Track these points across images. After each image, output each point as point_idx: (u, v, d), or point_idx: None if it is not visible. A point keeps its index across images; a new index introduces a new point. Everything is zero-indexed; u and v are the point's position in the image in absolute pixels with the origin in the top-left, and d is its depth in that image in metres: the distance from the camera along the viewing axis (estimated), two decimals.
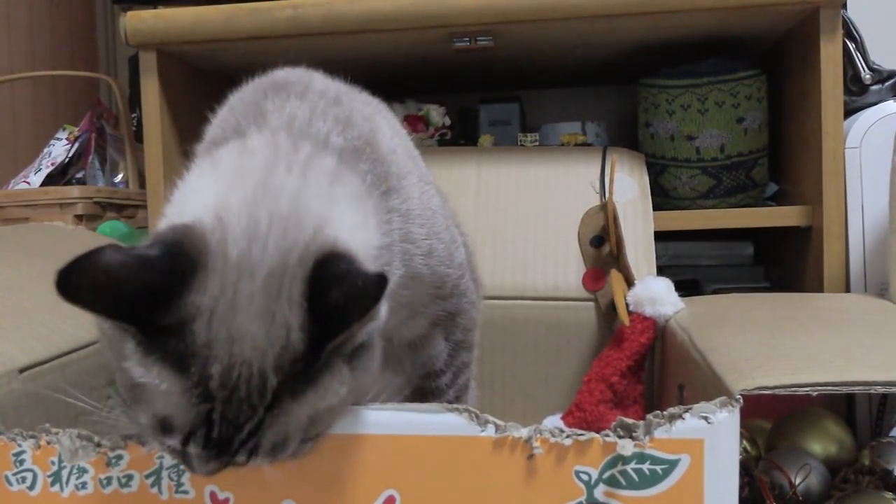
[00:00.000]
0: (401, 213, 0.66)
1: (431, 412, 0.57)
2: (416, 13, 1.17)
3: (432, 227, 0.69)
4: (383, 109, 0.77)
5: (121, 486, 0.59)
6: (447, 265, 0.71)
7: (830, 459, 0.91)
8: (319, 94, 0.69)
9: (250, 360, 0.51)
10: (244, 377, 0.51)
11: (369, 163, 0.65)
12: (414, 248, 0.67)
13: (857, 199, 1.16)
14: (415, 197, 0.68)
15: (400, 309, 0.69)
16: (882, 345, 0.72)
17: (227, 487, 0.58)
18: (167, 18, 1.23)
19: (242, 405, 0.51)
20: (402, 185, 0.67)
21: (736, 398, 0.55)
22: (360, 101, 0.73)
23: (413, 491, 0.57)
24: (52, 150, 1.59)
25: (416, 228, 0.67)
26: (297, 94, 0.68)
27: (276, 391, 0.51)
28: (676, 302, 0.99)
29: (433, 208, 0.70)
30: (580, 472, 0.55)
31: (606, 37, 1.27)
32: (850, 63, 1.28)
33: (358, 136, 0.66)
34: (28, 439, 0.60)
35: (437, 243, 0.69)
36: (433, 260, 0.69)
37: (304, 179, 0.59)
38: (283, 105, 0.67)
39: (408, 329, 0.74)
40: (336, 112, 0.67)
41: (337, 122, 0.66)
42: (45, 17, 1.92)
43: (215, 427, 0.51)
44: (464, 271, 0.75)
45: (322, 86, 0.71)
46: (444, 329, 0.76)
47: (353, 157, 0.64)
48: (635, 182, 1.17)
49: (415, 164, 0.72)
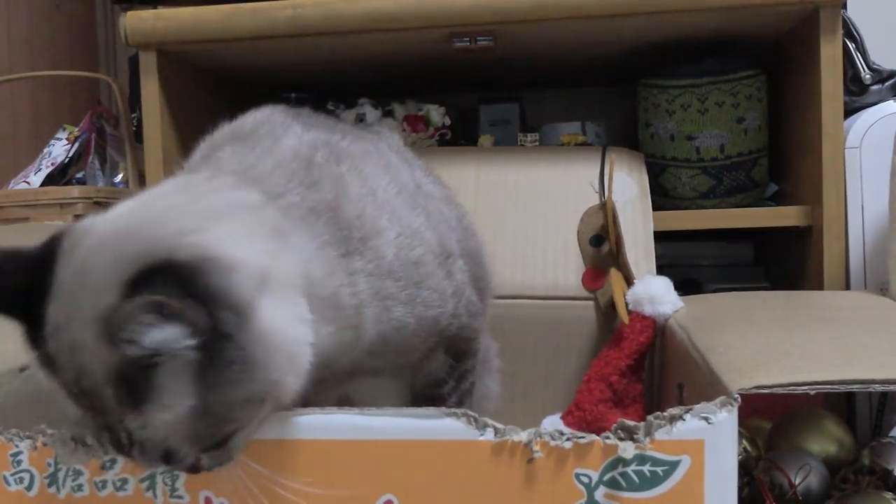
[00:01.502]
0: (367, 273, 0.65)
1: (430, 417, 0.57)
2: (417, 13, 1.17)
3: (412, 278, 0.68)
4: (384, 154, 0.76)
5: (116, 489, 0.59)
6: (438, 306, 0.70)
7: (830, 459, 0.91)
8: (288, 149, 0.68)
9: (89, 371, 0.51)
10: (90, 387, 0.52)
11: (327, 224, 0.64)
12: (392, 303, 0.66)
13: (857, 199, 1.16)
14: (388, 255, 0.67)
15: (386, 354, 0.69)
16: (881, 343, 0.72)
17: (221, 493, 0.58)
18: (167, 18, 1.22)
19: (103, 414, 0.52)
20: (368, 247, 0.66)
21: (734, 397, 0.55)
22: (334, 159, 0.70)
23: (411, 496, 0.56)
24: (52, 150, 1.59)
25: (391, 284, 0.66)
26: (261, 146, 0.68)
27: (117, 403, 0.51)
28: (676, 301, 0.98)
29: (415, 260, 0.69)
30: (581, 475, 0.55)
31: (606, 37, 1.27)
32: (850, 63, 1.28)
33: (318, 200, 0.65)
34: (25, 440, 0.60)
35: (420, 291, 0.68)
36: (417, 308, 0.68)
37: (200, 199, 0.59)
38: (244, 154, 0.67)
39: (401, 360, 0.74)
40: (300, 173, 0.66)
41: (299, 183, 0.65)
42: (45, 17, 1.92)
43: (104, 432, 0.53)
44: (459, 295, 0.74)
45: (293, 143, 0.69)
46: (445, 347, 0.76)
47: (309, 215, 0.64)
48: (635, 181, 1.17)
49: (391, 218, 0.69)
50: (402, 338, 0.69)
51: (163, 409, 0.51)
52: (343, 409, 0.58)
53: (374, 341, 0.66)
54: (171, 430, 0.52)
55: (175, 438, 0.52)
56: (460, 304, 0.74)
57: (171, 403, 0.51)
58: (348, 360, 0.66)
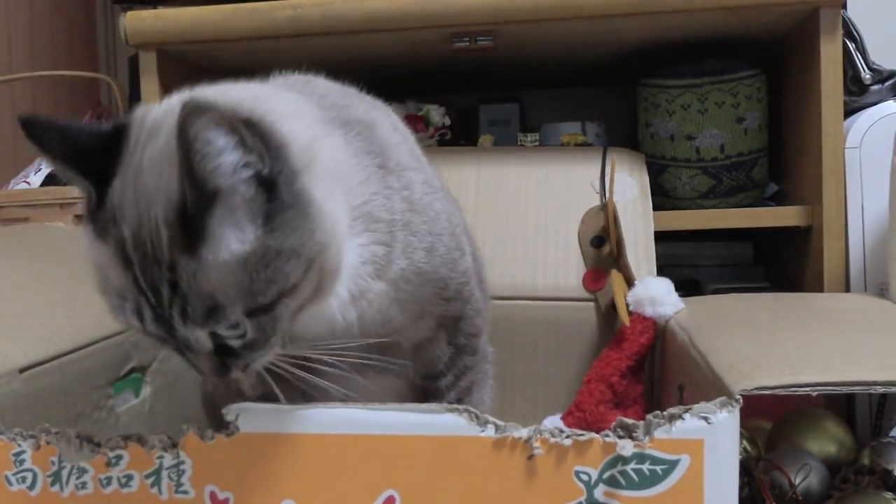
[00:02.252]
0: (403, 199, 0.67)
1: (431, 412, 0.57)
2: (416, 13, 1.17)
3: (434, 227, 0.69)
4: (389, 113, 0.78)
5: (120, 486, 0.59)
6: (450, 268, 0.71)
7: (830, 459, 0.91)
8: (324, 86, 0.72)
9: (151, 217, 0.52)
10: (146, 235, 0.52)
11: (363, 137, 0.66)
12: (416, 241, 0.67)
13: (857, 199, 1.16)
14: (418, 192, 0.68)
15: (409, 306, 0.70)
16: (882, 345, 0.72)
17: (226, 487, 0.58)
18: (167, 18, 1.23)
19: (153, 266, 0.52)
20: (404, 174, 0.68)
21: (736, 398, 0.55)
22: (367, 102, 0.74)
23: (413, 491, 0.57)
24: None
25: (419, 223, 0.68)
26: (299, 90, 0.70)
27: (171, 247, 0.52)
28: (676, 302, 0.99)
29: (437, 210, 0.70)
30: (580, 473, 0.55)
31: (606, 37, 1.27)
32: (850, 63, 1.28)
33: (352, 116, 0.67)
34: (28, 439, 0.60)
35: (439, 244, 0.70)
36: (435, 259, 0.69)
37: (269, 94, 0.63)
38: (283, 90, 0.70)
39: (416, 329, 0.74)
40: (337, 99, 0.69)
41: (333, 106, 0.68)
42: (45, 17, 1.92)
43: (147, 295, 0.53)
44: (468, 279, 0.75)
45: (324, 86, 0.73)
46: (448, 332, 0.76)
47: (344, 125, 0.66)
48: (635, 182, 1.17)
49: (419, 164, 0.73)
50: (420, 286, 0.69)
51: (220, 249, 0.52)
52: (346, 404, 0.59)
53: (399, 278, 0.67)
54: (222, 276, 0.52)
55: (224, 289, 0.52)
56: (466, 287, 0.75)
57: (228, 242, 0.52)
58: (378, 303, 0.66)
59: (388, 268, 0.66)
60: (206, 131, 0.49)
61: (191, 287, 0.52)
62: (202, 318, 0.53)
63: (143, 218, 0.52)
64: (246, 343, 0.56)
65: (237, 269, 0.52)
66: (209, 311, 0.53)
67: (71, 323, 0.83)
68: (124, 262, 0.53)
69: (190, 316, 0.53)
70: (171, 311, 0.53)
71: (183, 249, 0.52)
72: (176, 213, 0.52)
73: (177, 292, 0.52)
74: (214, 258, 0.52)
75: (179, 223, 0.52)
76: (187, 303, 0.52)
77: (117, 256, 0.53)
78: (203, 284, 0.52)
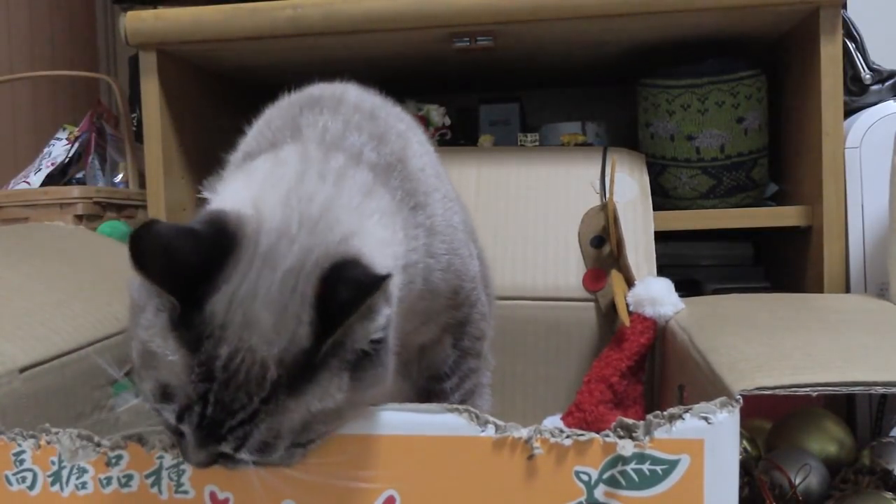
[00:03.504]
0: (426, 228, 0.67)
1: (432, 412, 0.57)
2: (416, 13, 1.17)
3: (452, 243, 0.70)
4: (414, 126, 0.78)
5: (121, 485, 0.59)
6: (462, 278, 0.72)
7: (830, 459, 0.91)
8: (354, 107, 0.70)
9: (256, 348, 0.52)
10: (247, 364, 0.52)
11: (400, 179, 0.66)
12: (434, 263, 0.68)
13: (857, 199, 1.16)
14: (439, 214, 0.69)
15: (415, 316, 0.70)
16: (882, 345, 0.72)
17: (226, 487, 0.58)
18: (167, 18, 1.23)
19: (240, 391, 0.51)
20: (429, 202, 0.68)
21: (736, 398, 0.55)
22: (394, 117, 0.73)
23: (413, 491, 0.57)
24: (52, 150, 1.58)
25: (438, 244, 0.68)
26: (329, 108, 0.69)
27: (275, 384, 0.51)
28: (676, 302, 0.98)
29: (454, 224, 0.71)
30: (580, 473, 0.55)
31: (606, 37, 1.27)
32: (850, 63, 1.28)
33: (391, 152, 0.67)
34: (28, 439, 0.60)
35: (455, 259, 0.70)
36: (450, 275, 0.70)
37: (337, 189, 0.60)
38: (315, 119, 0.68)
39: (421, 334, 0.75)
40: (371, 128, 0.68)
41: (371, 137, 0.67)
42: (45, 17, 1.92)
43: (209, 407, 0.52)
44: (476, 283, 0.76)
45: (356, 99, 0.72)
46: (453, 335, 0.77)
47: (386, 172, 0.65)
48: (636, 182, 1.17)
49: (440, 181, 0.73)
50: (432, 301, 0.70)
51: (325, 398, 0.52)
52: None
53: (413, 300, 0.67)
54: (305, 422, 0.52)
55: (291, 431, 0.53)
56: (474, 292, 0.75)
57: (333, 393, 0.52)
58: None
59: (405, 296, 0.66)
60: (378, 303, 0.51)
61: (269, 422, 0.52)
62: (256, 448, 0.53)
63: (246, 346, 0.52)
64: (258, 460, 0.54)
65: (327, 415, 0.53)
66: (264, 443, 0.52)
67: (71, 323, 0.83)
68: (205, 376, 0.52)
69: (247, 445, 0.52)
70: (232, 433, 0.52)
71: (289, 390, 0.52)
72: (295, 358, 0.52)
73: (251, 421, 0.52)
74: (318, 405, 0.52)
75: (296, 366, 0.52)
76: (252, 434, 0.52)
77: (200, 368, 0.52)
78: (283, 424, 0.52)
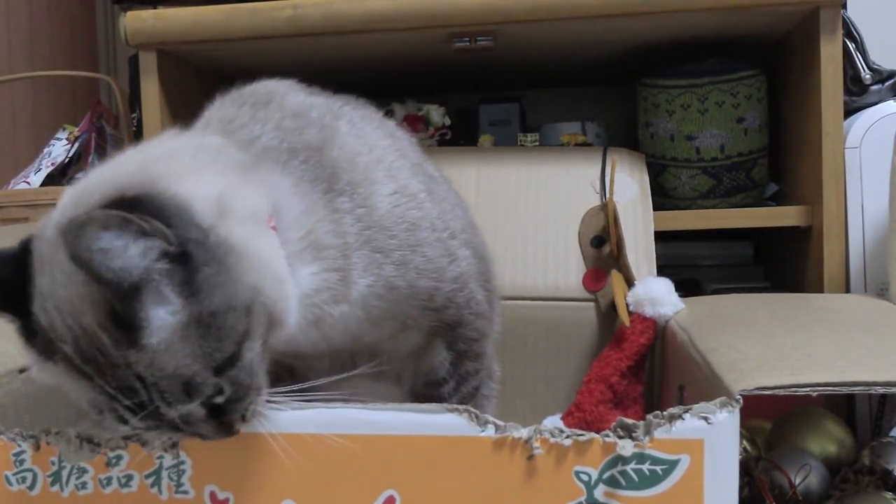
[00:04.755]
0: (357, 218, 0.66)
1: (431, 412, 0.57)
2: (416, 13, 1.17)
3: (407, 239, 0.68)
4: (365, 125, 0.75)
5: (121, 486, 0.59)
6: (435, 279, 0.70)
7: (830, 459, 0.91)
8: (278, 105, 0.69)
9: (84, 328, 0.52)
10: (90, 345, 0.52)
11: (308, 164, 0.65)
12: (382, 258, 0.66)
13: (857, 199, 1.16)
14: (383, 205, 0.67)
15: (384, 322, 0.69)
16: (882, 345, 0.72)
17: (226, 487, 0.58)
18: (167, 18, 1.23)
19: (111, 370, 0.52)
20: (358, 192, 0.66)
21: (736, 398, 0.55)
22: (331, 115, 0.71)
23: (413, 491, 0.57)
24: (52, 150, 1.58)
25: (384, 238, 0.67)
26: (252, 103, 0.69)
27: (116, 347, 0.51)
28: (676, 302, 0.98)
29: (411, 220, 0.69)
30: (580, 473, 0.55)
31: (606, 37, 1.27)
32: (850, 63, 1.28)
33: (301, 141, 0.66)
34: (28, 439, 0.60)
35: (415, 256, 0.68)
36: (410, 272, 0.68)
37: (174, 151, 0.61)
38: (227, 112, 0.69)
39: (400, 342, 0.74)
40: (285, 122, 0.67)
41: (277, 128, 0.67)
42: (45, 17, 1.92)
43: (119, 398, 0.52)
44: (462, 284, 0.73)
45: (288, 99, 0.71)
46: (446, 339, 0.75)
47: (289, 156, 0.65)
48: (636, 182, 1.17)
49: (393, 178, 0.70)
50: (396, 301, 0.68)
51: (159, 331, 0.52)
52: (346, 404, 0.58)
53: (366, 297, 0.66)
54: (174, 353, 0.52)
55: (183, 363, 0.52)
56: (461, 293, 0.73)
57: (162, 323, 0.52)
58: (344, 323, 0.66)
59: (347, 291, 0.65)
60: (96, 241, 0.49)
61: (154, 374, 0.52)
62: (183, 395, 0.53)
63: (78, 331, 0.52)
64: (230, 397, 0.55)
65: (183, 341, 0.52)
66: (184, 386, 0.53)
67: None
68: (81, 377, 0.53)
69: (171, 398, 0.53)
70: (152, 401, 0.53)
71: (128, 345, 0.51)
72: (107, 317, 0.51)
73: (146, 384, 0.52)
74: (158, 341, 0.52)
75: (114, 324, 0.51)
76: (161, 388, 0.52)
77: (71, 373, 0.53)
78: (163, 367, 0.52)
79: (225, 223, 0.55)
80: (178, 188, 0.55)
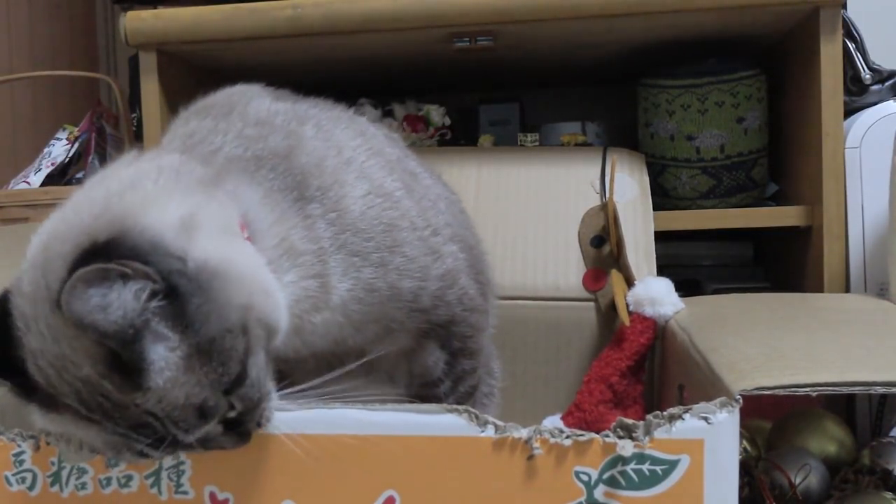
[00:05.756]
0: (329, 222, 0.65)
1: (431, 413, 0.57)
2: (417, 13, 1.17)
3: (385, 240, 0.67)
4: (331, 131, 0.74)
5: (120, 486, 0.59)
6: (419, 279, 0.69)
7: (830, 459, 0.91)
8: (240, 114, 0.69)
9: (85, 378, 0.52)
10: (94, 394, 0.52)
11: (276, 172, 0.65)
12: (360, 261, 0.66)
13: (857, 199, 1.16)
14: (356, 207, 0.67)
15: (367, 326, 0.69)
16: (882, 345, 0.72)
17: (226, 488, 0.58)
18: (167, 18, 1.22)
19: (120, 413, 0.52)
20: (329, 196, 0.66)
21: (736, 398, 0.55)
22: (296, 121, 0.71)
23: (413, 491, 0.57)
24: (52, 150, 1.58)
25: (360, 241, 0.66)
26: (215, 115, 0.69)
27: (121, 392, 0.52)
28: (676, 302, 0.98)
29: (388, 221, 0.68)
30: (580, 473, 0.55)
31: (606, 37, 1.27)
32: (850, 63, 1.28)
33: (266, 148, 0.66)
34: (28, 439, 0.61)
35: (395, 256, 0.68)
36: (391, 274, 0.67)
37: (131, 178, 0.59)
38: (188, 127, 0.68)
39: (385, 345, 0.73)
40: (247, 130, 0.67)
41: (239, 137, 0.66)
42: (45, 17, 1.92)
43: (134, 436, 0.53)
44: (450, 281, 0.73)
45: (250, 107, 0.70)
46: (439, 338, 0.75)
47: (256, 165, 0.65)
48: (636, 182, 1.17)
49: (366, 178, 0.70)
50: (377, 304, 0.68)
51: (161, 370, 0.52)
52: (346, 405, 0.58)
53: (348, 301, 0.66)
54: (181, 386, 0.52)
55: (193, 392, 0.52)
56: (451, 290, 0.73)
57: (165, 362, 0.52)
58: (325, 329, 0.66)
59: (328, 297, 0.65)
60: (88, 302, 0.49)
61: (165, 409, 0.52)
62: (198, 420, 0.53)
63: (78, 384, 0.52)
64: (242, 411, 0.55)
65: (188, 372, 0.52)
66: (198, 412, 0.53)
67: None
68: (90, 423, 0.53)
69: (186, 426, 0.53)
70: (168, 432, 0.53)
71: (134, 388, 0.51)
72: (106, 366, 0.51)
73: (158, 417, 0.52)
74: (163, 379, 0.52)
75: (115, 371, 0.51)
76: (175, 419, 0.53)
77: (80, 422, 0.54)
78: (173, 401, 0.52)
79: (199, 244, 0.55)
80: (146, 220, 0.54)
